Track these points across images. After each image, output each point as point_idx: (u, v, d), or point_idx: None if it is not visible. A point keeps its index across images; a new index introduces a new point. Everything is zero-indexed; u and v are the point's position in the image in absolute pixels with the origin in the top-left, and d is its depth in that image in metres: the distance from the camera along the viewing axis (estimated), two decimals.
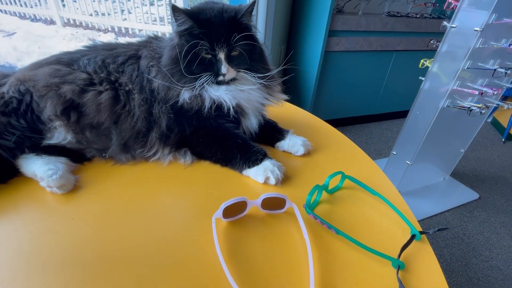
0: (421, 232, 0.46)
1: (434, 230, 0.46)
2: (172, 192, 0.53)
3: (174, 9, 0.52)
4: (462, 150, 1.70)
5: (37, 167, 0.50)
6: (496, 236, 1.51)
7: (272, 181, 0.54)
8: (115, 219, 0.46)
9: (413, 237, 0.45)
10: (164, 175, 0.56)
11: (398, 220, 0.49)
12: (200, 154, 0.60)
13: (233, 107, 0.57)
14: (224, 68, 0.55)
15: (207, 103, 0.56)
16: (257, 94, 0.61)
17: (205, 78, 0.56)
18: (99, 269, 0.38)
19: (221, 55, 0.55)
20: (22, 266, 0.38)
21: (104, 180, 0.53)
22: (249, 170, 0.56)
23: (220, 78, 0.57)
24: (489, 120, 2.77)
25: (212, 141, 0.58)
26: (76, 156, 0.56)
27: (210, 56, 0.55)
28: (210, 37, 0.54)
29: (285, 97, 0.67)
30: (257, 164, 0.55)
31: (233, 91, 0.58)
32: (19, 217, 0.45)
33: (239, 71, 0.59)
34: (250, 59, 0.59)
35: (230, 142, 0.58)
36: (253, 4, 0.56)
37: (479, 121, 1.56)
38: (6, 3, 3.53)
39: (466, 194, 1.78)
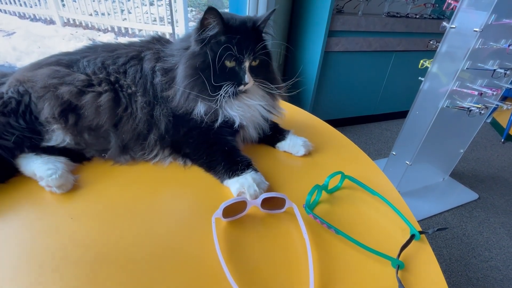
0: (420, 232, 0.46)
1: (434, 230, 0.46)
2: (172, 192, 0.53)
3: (211, 11, 0.50)
4: (462, 151, 1.70)
5: (37, 167, 0.50)
6: (495, 237, 1.52)
7: (247, 197, 0.50)
8: (115, 218, 0.46)
9: (412, 237, 0.45)
10: (164, 175, 0.56)
11: (397, 220, 0.49)
12: (187, 156, 0.58)
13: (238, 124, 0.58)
14: (247, 77, 0.55)
15: (220, 120, 0.56)
16: (262, 110, 0.62)
17: (227, 87, 0.55)
18: (99, 268, 0.38)
19: (246, 64, 0.55)
20: (22, 266, 0.38)
21: (104, 180, 0.53)
22: (229, 180, 0.53)
23: (241, 87, 0.56)
24: (489, 120, 2.78)
25: (200, 144, 0.57)
26: (75, 155, 0.56)
27: (234, 64, 0.55)
28: (239, 45, 0.53)
29: (285, 110, 0.69)
30: (238, 175, 0.52)
31: (244, 110, 0.59)
32: (18, 216, 0.45)
33: (256, 81, 0.59)
34: (266, 69, 0.59)
35: (217, 147, 0.56)
36: (271, 13, 0.57)
37: (478, 121, 1.56)
38: (6, 3, 3.53)
39: (465, 195, 1.79)
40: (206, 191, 0.53)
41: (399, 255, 0.42)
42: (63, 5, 3.40)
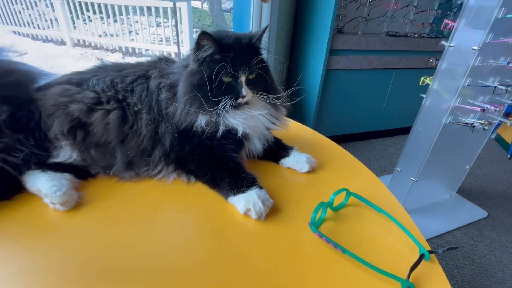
0: (430, 252, 0.45)
1: (444, 249, 0.45)
2: (176, 209, 0.53)
3: (203, 35, 0.53)
4: (468, 167, 1.68)
5: (42, 184, 0.50)
6: (508, 256, 1.46)
7: (253, 215, 0.50)
8: (118, 236, 0.45)
9: (422, 256, 0.44)
10: (167, 192, 0.56)
11: (405, 239, 0.48)
12: (192, 172, 0.58)
13: (242, 133, 0.58)
14: (245, 90, 0.57)
15: (221, 129, 0.57)
16: (264, 120, 0.62)
17: (225, 101, 0.57)
18: (102, 287, 0.37)
19: (242, 78, 0.57)
20: (25, 283, 0.37)
21: (108, 197, 0.53)
22: (234, 197, 0.52)
23: (240, 100, 0.58)
24: (493, 136, 2.76)
25: (205, 160, 0.57)
26: (81, 172, 0.56)
27: (231, 79, 0.57)
28: (233, 62, 0.55)
29: (290, 121, 0.69)
30: (242, 192, 0.52)
31: (246, 118, 0.60)
32: (21, 234, 0.45)
33: (255, 93, 0.61)
34: (264, 81, 0.61)
35: (222, 164, 0.57)
36: (265, 29, 0.60)
37: (483, 137, 1.55)
38: (20, 25, 3.71)
39: (474, 212, 1.74)
40: (210, 208, 0.53)
41: (409, 275, 0.40)
42: (74, 27, 3.56)
